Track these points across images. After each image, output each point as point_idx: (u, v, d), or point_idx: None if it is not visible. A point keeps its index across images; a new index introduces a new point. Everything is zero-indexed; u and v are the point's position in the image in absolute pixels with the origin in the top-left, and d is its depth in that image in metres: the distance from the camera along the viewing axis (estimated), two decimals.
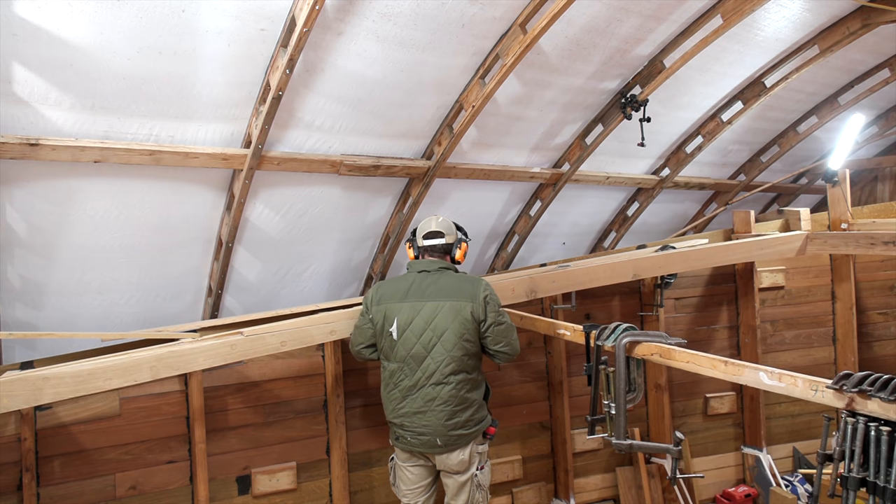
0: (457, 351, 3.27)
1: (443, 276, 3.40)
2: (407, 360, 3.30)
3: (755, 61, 5.30)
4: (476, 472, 3.43)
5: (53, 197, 3.63)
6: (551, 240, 6.37)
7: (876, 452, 2.26)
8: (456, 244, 3.56)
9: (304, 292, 5.11)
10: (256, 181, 4.05)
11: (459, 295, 3.32)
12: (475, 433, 3.38)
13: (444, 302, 3.30)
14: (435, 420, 3.27)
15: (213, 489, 3.77)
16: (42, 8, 2.87)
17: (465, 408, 3.31)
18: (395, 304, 3.36)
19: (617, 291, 4.96)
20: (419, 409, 3.29)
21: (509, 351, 3.40)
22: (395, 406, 3.36)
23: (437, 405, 3.27)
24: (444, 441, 3.30)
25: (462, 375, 3.30)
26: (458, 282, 3.38)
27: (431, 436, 3.29)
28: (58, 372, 2.90)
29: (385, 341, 3.36)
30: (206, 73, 3.45)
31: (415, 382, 3.29)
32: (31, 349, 4.19)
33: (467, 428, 3.33)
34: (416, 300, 3.33)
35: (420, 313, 3.30)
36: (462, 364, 3.29)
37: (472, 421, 3.35)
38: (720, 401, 5.19)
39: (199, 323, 3.81)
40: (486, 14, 3.76)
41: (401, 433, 3.38)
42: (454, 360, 3.26)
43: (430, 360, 3.27)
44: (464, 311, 3.28)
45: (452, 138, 4.46)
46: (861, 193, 8.17)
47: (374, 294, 3.45)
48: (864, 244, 4.51)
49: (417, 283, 3.39)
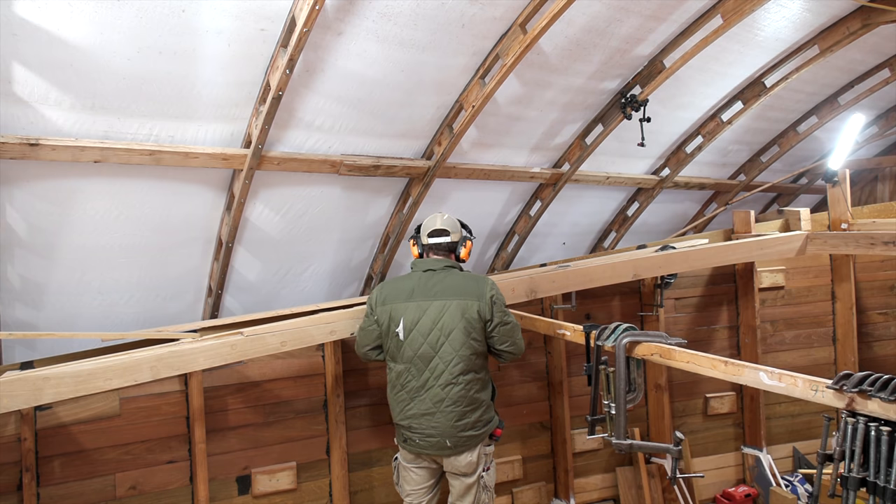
0: (465, 350, 3.24)
1: (449, 275, 3.37)
2: (414, 360, 3.26)
3: (755, 61, 5.30)
4: (482, 474, 3.40)
5: (53, 197, 3.63)
6: (551, 240, 6.37)
7: (876, 452, 2.26)
8: (461, 242, 3.53)
9: (304, 292, 5.11)
10: (256, 181, 4.05)
11: (466, 294, 3.28)
12: (484, 434, 3.35)
13: (451, 301, 3.27)
14: (444, 421, 3.23)
15: (213, 489, 3.77)
16: (42, 8, 2.87)
17: (474, 408, 3.29)
18: (401, 303, 3.32)
19: (617, 291, 4.96)
20: (427, 410, 3.25)
21: (514, 350, 3.38)
22: (402, 408, 3.32)
23: (447, 406, 3.23)
24: (453, 443, 3.26)
25: (471, 375, 3.27)
26: (465, 280, 3.35)
27: (441, 437, 3.25)
28: (58, 372, 2.90)
29: (391, 342, 3.33)
30: (206, 73, 3.44)
31: (423, 383, 3.26)
32: (31, 349, 4.19)
33: (477, 429, 3.30)
34: (423, 299, 3.30)
35: (427, 313, 3.27)
36: (471, 363, 3.26)
37: (481, 422, 3.32)
38: (720, 401, 5.19)
39: (199, 323, 3.81)
40: (486, 14, 3.76)
41: (409, 435, 3.34)
42: (463, 360, 3.23)
43: (439, 360, 3.24)
44: (471, 310, 3.25)
45: (452, 138, 4.46)
46: (861, 193, 8.17)
47: (378, 294, 3.42)
48: (864, 244, 4.51)
49: (423, 282, 3.35)
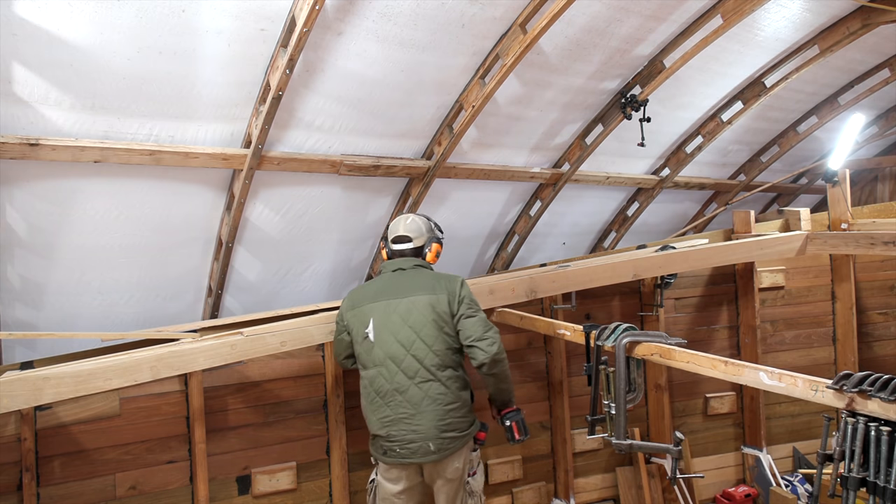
0: (440, 344, 3.14)
1: (418, 274, 3.28)
2: (385, 362, 3.14)
3: (755, 61, 5.30)
4: (468, 479, 3.31)
5: (53, 197, 3.63)
6: (551, 240, 6.37)
7: (876, 452, 2.26)
8: (426, 246, 3.41)
9: (304, 292, 5.11)
10: (256, 181, 4.05)
11: (435, 289, 3.20)
12: (468, 436, 3.21)
13: (420, 296, 3.18)
14: (425, 423, 3.08)
15: (213, 489, 3.77)
16: (42, 8, 2.87)
17: (457, 406, 3.15)
18: (369, 304, 3.24)
19: (617, 291, 4.95)
20: (406, 413, 3.10)
21: (483, 346, 3.14)
22: (378, 417, 3.16)
23: (427, 405, 3.09)
24: (437, 446, 3.09)
25: (450, 371, 3.15)
26: (435, 278, 3.27)
27: (423, 442, 3.08)
28: (58, 372, 2.90)
29: (362, 347, 3.22)
30: (206, 73, 3.44)
31: (397, 386, 3.12)
32: (31, 349, 4.18)
33: (461, 430, 3.16)
34: (392, 298, 3.21)
35: (396, 310, 3.17)
36: (447, 359, 3.16)
37: (465, 421, 3.18)
38: (720, 401, 5.19)
39: (199, 323, 3.82)
40: (486, 14, 3.76)
41: (388, 446, 3.15)
42: (439, 355, 3.13)
43: (412, 359, 3.12)
44: (440, 303, 3.17)
45: (452, 138, 4.46)
46: (861, 193, 8.17)
47: (347, 301, 3.35)
48: (864, 244, 4.51)
49: (392, 281, 3.28)
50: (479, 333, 3.17)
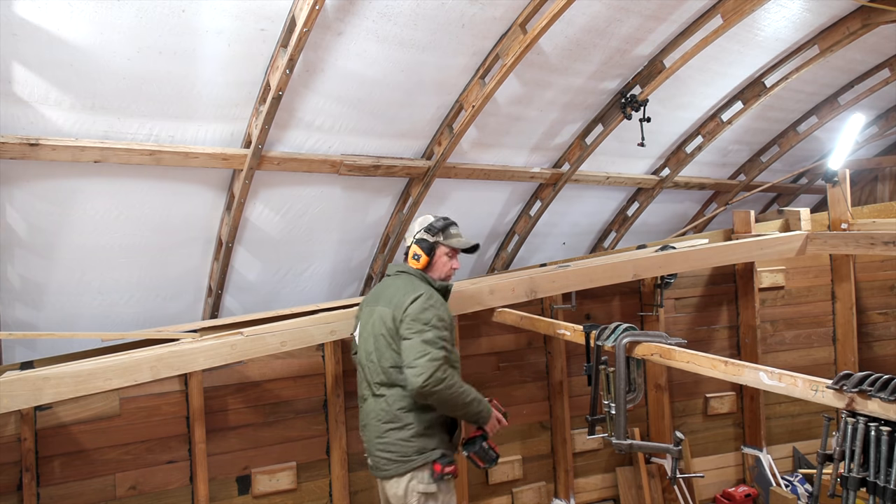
0: (385, 361, 2.99)
1: (396, 280, 3.17)
2: (359, 367, 3.20)
3: (755, 61, 5.30)
4: None
5: (53, 197, 3.63)
6: (551, 240, 6.37)
7: (876, 452, 2.26)
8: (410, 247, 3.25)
9: (304, 292, 5.11)
10: (256, 181, 4.05)
11: (392, 301, 3.03)
12: (407, 462, 2.92)
13: (382, 308, 3.07)
14: (368, 436, 3.08)
15: (213, 489, 3.77)
16: (42, 8, 2.87)
17: (397, 428, 2.95)
18: (363, 307, 3.29)
19: (617, 291, 4.96)
20: (363, 421, 3.13)
21: (410, 374, 2.80)
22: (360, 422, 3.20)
23: (371, 419, 3.05)
24: (373, 461, 3.06)
25: (396, 390, 2.97)
26: (401, 288, 3.06)
27: (368, 454, 3.11)
28: (58, 372, 2.90)
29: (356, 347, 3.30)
30: (206, 73, 3.44)
31: (361, 393, 3.17)
32: (31, 349, 4.18)
33: (401, 454, 2.93)
34: (371, 304, 3.19)
35: (369, 318, 3.14)
36: (391, 376, 2.98)
37: (408, 446, 2.93)
38: (720, 401, 5.19)
39: (199, 323, 3.82)
40: (486, 14, 3.76)
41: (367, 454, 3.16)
42: (383, 371, 3.00)
43: (371, 370, 3.07)
44: (388, 319, 2.99)
45: (452, 138, 4.46)
46: (861, 193, 8.16)
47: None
48: (864, 244, 4.51)
49: (380, 286, 3.30)
50: (409, 359, 2.84)
